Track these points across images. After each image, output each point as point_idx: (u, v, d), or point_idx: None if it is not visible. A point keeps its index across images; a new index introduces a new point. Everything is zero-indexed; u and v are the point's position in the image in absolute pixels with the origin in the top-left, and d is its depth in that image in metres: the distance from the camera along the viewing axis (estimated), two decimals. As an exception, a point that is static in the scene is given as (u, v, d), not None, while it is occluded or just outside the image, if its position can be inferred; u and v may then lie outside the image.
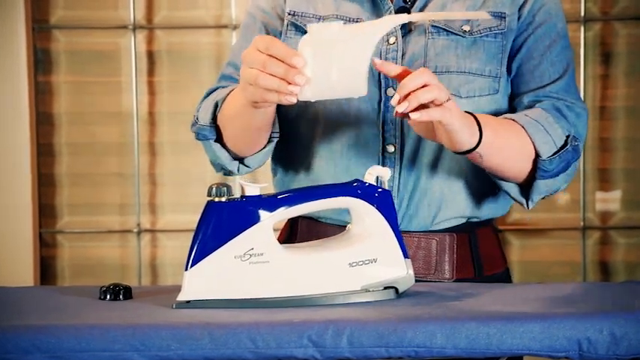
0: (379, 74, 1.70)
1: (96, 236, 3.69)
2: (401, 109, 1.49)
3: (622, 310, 1.32)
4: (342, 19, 1.73)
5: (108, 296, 1.49)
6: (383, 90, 1.71)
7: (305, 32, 1.56)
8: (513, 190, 1.72)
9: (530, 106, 1.74)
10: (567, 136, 1.70)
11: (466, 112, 1.60)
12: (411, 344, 1.29)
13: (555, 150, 1.68)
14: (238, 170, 1.77)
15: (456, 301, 1.45)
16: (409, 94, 1.49)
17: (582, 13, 3.58)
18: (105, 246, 3.70)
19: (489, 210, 1.77)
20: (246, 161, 1.76)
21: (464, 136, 1.57)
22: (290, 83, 1.46)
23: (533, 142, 1.67)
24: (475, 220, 1.76)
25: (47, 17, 3.63)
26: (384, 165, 1.70)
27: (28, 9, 3.58)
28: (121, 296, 1.49)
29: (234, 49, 1.82)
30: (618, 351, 1.28)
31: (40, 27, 3.63)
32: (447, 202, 1.73)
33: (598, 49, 3.61)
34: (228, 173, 1.79)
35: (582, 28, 3.59)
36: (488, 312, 1.37)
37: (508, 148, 1.66)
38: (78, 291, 1.56)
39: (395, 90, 1.68)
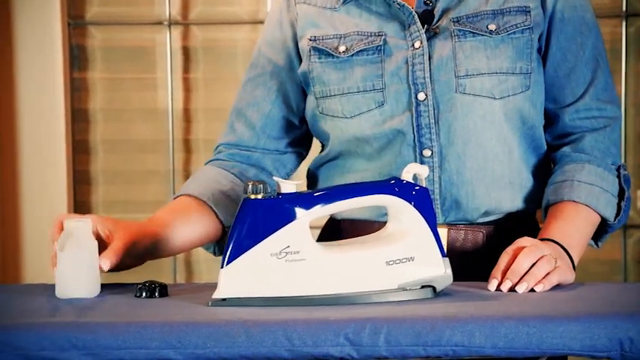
0: (407, 77, 1.69)
1: (131, 233, 3.69)
2: (521, 289, 1.49)
3: (665, 310, 1.31)
4: (364, 35, 1.72)
5: (144, 294, 1.49)
6: (413, 95, 1.69)
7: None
8: None
9: (572, 128, 1.74)
10: (618, 169, 1.74)
11: (545, 239, 1.61)
12: (449, 343, 1.27)
13: (617, 202, 1.72)
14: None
15: (495, 299, 1.44)
16: (523, 275, 1.51)
17: (624, 8, 3.54)
18: (140, 243, 3.69)
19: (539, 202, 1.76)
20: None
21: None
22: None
23: (598, 213, 1.70)
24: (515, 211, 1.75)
25: (83, 13, 3.64)
26: None
27: (63, 5, 3.59)
28: (156, 294, 1.49)
29: (238, 96, 1.89)
30: (661, 351, 1.26)
31: (75, 23, 3.64)
32: (491, 201, 1.71)
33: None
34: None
35: (624, 24, 3.55)
36: (527, 311, 1.35)
37: (586, 243, 1.70)
38: (114, 288, 1.56)
39: (426, 94, 1.68)
